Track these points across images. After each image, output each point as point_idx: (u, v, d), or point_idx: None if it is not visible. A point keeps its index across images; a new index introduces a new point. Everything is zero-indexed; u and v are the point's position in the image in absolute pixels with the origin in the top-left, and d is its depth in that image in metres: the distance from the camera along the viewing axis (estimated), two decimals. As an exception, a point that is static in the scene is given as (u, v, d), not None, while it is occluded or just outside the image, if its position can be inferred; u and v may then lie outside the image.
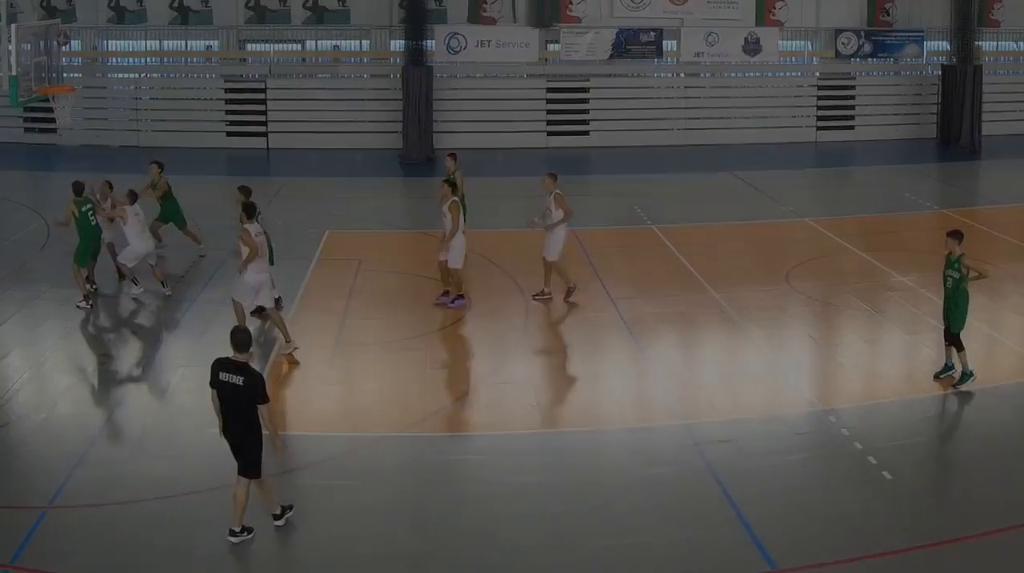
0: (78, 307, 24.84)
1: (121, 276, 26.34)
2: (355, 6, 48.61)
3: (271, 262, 22.92)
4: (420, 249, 29.91)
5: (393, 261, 28.82)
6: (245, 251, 21.50)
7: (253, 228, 21.78)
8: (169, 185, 28.76)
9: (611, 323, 23.89)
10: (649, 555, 14.51)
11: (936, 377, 20.06)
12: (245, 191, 24.72)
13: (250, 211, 22.08)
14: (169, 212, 28.81)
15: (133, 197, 25.68)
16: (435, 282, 25.32)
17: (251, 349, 14.98)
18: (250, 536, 14.90)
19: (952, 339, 19.76)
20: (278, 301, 23.93)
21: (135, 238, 25.54)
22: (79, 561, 14.33)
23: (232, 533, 14.82)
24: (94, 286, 25.65)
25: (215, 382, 14.66)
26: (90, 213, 25.44)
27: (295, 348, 21.74)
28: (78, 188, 25.76)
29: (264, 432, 14.68)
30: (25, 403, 19.74)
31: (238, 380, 14.46)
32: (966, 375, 19.65)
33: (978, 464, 17.32)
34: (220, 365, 14.68)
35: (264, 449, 14.76)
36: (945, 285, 19.90)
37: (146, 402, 20.29)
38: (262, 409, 14.57)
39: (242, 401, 14.50)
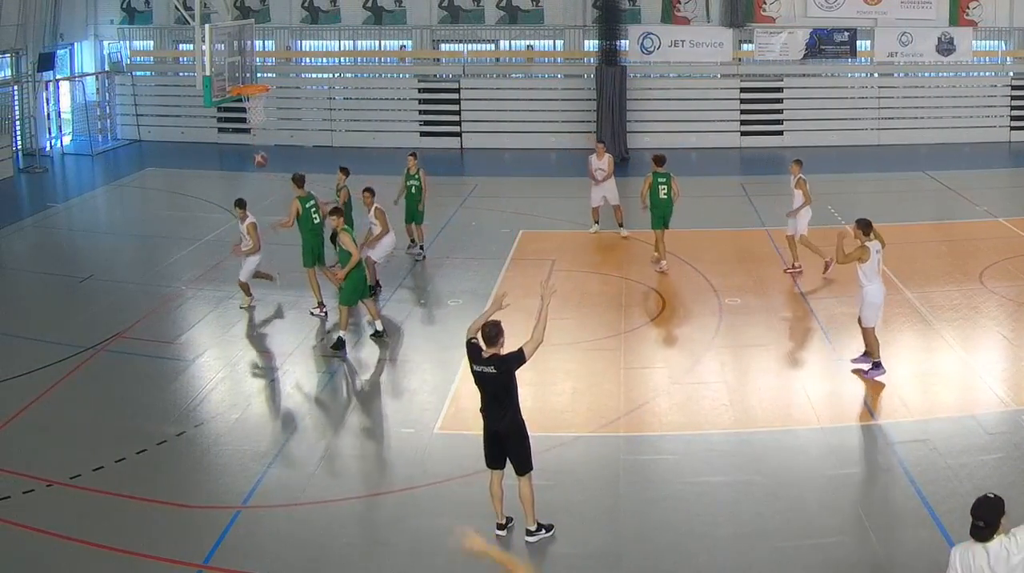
0: (312, 314, 24.66)
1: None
2: (549, 6, 49.00)
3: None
4: (614, 249, 30.28)
5: (587, 261, 29.00)
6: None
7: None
8: (350, 193, 27.39)
9: (804, 321, 24.02)
10: (841, 554, 14.60)
11: None
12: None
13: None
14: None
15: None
16: (626, 281, 25.59)
17: (501, 341, 14.62)
18: (549, 533, 15.09)
19: None
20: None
21: None
22: (272, 561, 14.62)
23: (529, 533, 14.96)
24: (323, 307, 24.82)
25: (472, 371, 14.67)
26: (314, 210, 24.84)
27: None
28: (300, 180, 25.16)
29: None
30: (219, 402, 20.22)
31: (490, 369, 14.46)
32: None
33: None
34: (474, 356, 14.58)
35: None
36: None
37: (340, 402, 20.78)
38: (527, 347, 14.47)
39: (499, 387, 14.48)
